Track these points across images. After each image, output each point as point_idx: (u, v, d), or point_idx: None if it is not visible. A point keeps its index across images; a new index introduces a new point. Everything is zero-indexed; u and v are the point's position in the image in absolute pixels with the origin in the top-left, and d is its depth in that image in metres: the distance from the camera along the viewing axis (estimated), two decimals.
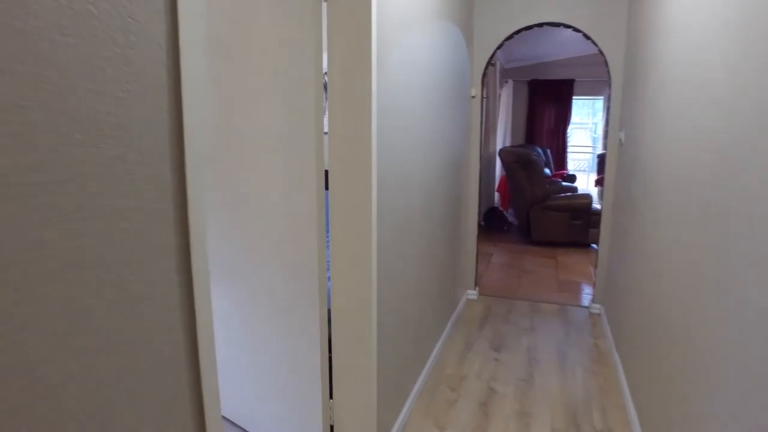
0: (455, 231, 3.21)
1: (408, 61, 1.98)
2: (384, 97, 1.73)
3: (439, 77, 2.49)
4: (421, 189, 2.29)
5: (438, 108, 2.52)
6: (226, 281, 2.00)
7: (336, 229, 1.75)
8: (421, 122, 2.22)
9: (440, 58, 2.50)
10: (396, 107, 1.86)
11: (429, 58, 2.29)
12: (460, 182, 3.29)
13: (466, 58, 3.26)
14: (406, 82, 1.97)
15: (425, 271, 2.47)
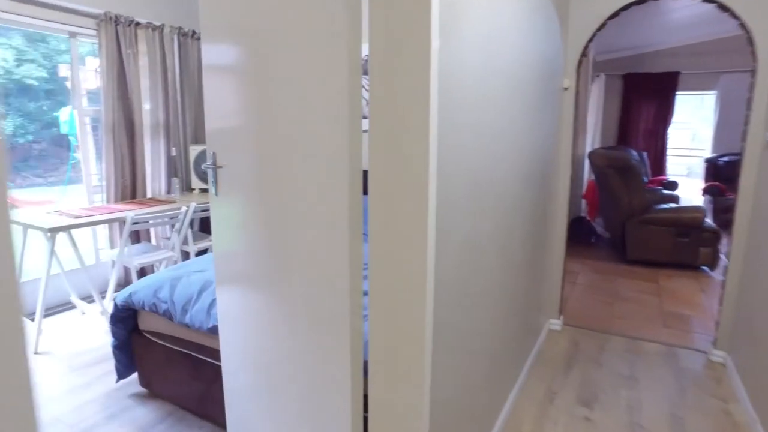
0: (539, 247, 2.65)
1: (485, 37, 1.48)
2: (449, 85, 1.25)
3: (525, 62, 1.96)
4: (497, 200, 1.79)
5: (523, 100, 1.99)
6: (251, 288, 1.63)
7: (377, 240, 1.29)
8: (500, 118, 1.71)
9: (528, 37, 1.97)
10: (465, 98, 1.38)
11: (513, 36, 1.77)
12: (546, 190, 2.72)
13: (559, 41, 2.68)
14: (482, 67, 1.48)
15: (501, 296, 1.96)
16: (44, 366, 2.63)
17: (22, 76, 9.93)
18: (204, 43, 1.63)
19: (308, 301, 1.46)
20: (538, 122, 2.31)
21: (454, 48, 1.24)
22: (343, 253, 1.32)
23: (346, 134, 1.26)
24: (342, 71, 1.23)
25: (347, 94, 1.24)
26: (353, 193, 1.30)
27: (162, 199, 3.67)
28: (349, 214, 1.29)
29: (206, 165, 1.67)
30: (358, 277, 1.38)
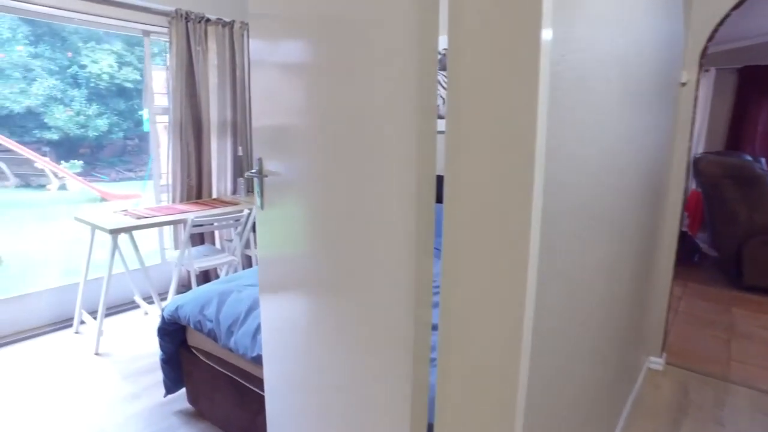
0: (642, 270, 2.20)
1: (598, 19, 1.12)
2: (563, 75, 0.91)
3: (640, 50, 1.55)
4: (605, 217, 1.41)
5: (637, 98, 1.58)
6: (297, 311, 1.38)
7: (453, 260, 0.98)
8: (617, 119, 1.33)
9: (644, 17, 1.56)
10: (582, 93, 1.02)
11: (628, 15, 1.38)
12: (656, 204, 2.26)
13: (680, 23, 2.20)
14: (603, 53, 1.12)
15: (601, 333, 1.58)
16: (101, 370, 2.58)
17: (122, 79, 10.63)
18: (252, 34, 1.40)
19: (361, 335, 1.19)
20: (652, 125, 1.88)
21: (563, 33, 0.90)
22: (406, 274, 1.04)
23: (415, 135, 0.97)
24: (411, 64, 0.95)
25: (418, 90, 0.96)
26: (422, 202, 1.02)
27: (226, 200, 3.58)
28: (417, 227, 1.01)
29: (250, 173, 1.45)
30: (426, 312, 1.09)
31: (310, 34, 1.22)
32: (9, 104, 8.87)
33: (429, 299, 1.10)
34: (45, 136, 9.40)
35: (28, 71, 9.07)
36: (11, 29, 8.88)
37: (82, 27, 3.14)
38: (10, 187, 8.80)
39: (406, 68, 0.98)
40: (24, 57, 9.01)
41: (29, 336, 2.99)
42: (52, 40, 9.30)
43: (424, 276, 1.07)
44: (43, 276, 4.82)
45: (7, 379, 2.50)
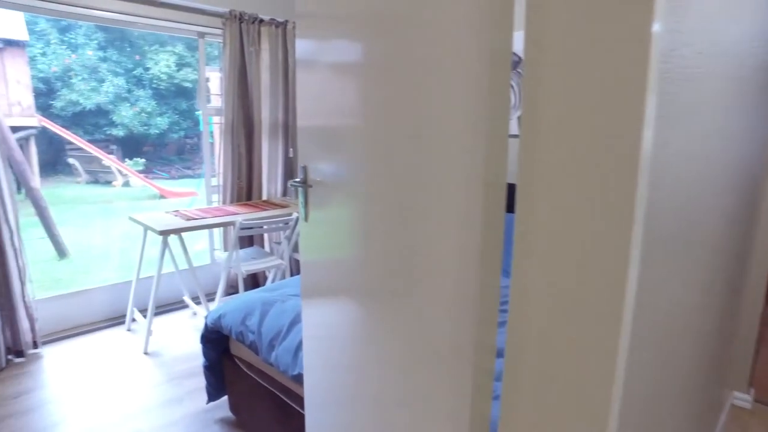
0: (731, 299, 1.94)
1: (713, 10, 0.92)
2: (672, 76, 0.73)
3: (746, 43, 1.32)
4: (706, 247, 1.20)
5: (741, 99, 1.35)
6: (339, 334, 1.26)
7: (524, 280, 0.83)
8: (723, 127, 1.13)
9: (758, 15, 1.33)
10: (692, 96, 0.84)
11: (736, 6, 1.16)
12: (749, 222, 1.98)
13: None
14: (717, 48, 0.92)
15: (689, 368, 1.36)
16: (148, 371, 2.58)
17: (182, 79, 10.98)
18: (299, 33, 1.30)
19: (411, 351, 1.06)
20: (751, 131, 1.63)
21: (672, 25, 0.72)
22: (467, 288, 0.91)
23: (482, 139, 0.83)
24: (480, 59, 0.80)
25: (487, 89, 0.82)
26: (490, 213, 0.87)
27: (276, 203, 3.54)
28: (482, 237, 0.87)
29: (294, 182, 1.34)
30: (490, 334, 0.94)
31: (362, 33, 1.10)
32: (82, 101, 9.39)
33: (494, 318, 0.96)
34: (113, 133, 9.90)
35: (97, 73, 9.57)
36: (86, 35, 9.38)
37: (144, 31, 3.19)
38: (81, 183, 9.33)
39: (473, 66, 0.84)
40: (93, 60, 9.52)
41: (86, 331, 3.06)
42: (121, 44, 9.78)
43: (488, 292, 0.93)
44: (103, 271, 5.01)
45: (63, 372, 2.55)
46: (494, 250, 0.92)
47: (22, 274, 2.66)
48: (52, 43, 9.05)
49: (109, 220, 7.09)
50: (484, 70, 0.83)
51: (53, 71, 9.13)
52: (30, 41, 7.97)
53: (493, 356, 0.98)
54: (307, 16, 1.28)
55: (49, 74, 9.11)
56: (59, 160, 9.41)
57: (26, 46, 7.44)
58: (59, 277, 4.75)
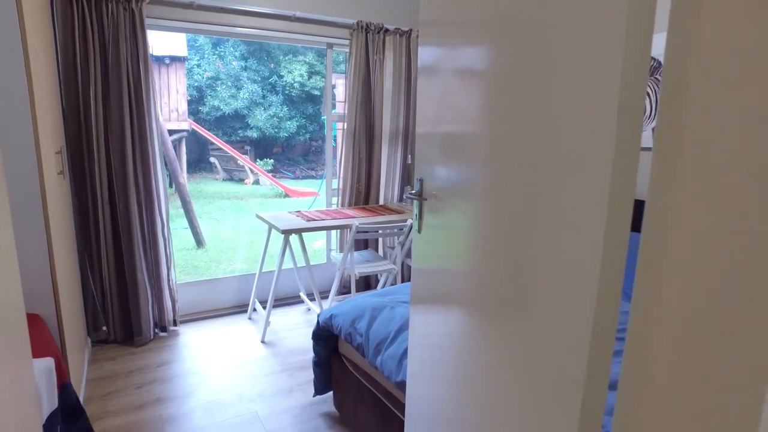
0: None
1: None
2: None
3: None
4: None
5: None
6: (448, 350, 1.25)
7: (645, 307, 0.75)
8: None
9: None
10: None
11: None
12: None
13: None
14: None
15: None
16: (264, 359, 2.79)
17: (311, 87, 11.71)
18: (422, 40, 1.31)
19: (525, 374, 1.02)
20: None
21: None
22: (584, 316, 0.85)
23: (611, 153, 0.77)
24: (612, 63, 0.75)
25: (618, 96, 0.76)
26: (613, 230, 0.81)
27: (392, 208, 3.62)
28: (602, 262, 0.81)
29: (409, 194, 1.36)
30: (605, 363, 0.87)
31: (487, 38, 1.08)
32: (223, 107, 10.48)
33: (610, 348, 0.88)
34: (247, 134, 10.91)
35: (238, 81, 10.60)
36: (232, 47, 10.45)
37: (278, 42, 3.46)
38: (219, 180, 10.41)
39: (604, 71, 0.79)
40: (236, 69, 10.56)
41: (215, 315, 3.40)
42: (260, 54, 10.74)
43: (606, 317, 0.85)
44: (232, 262, 5.52)
45: (195, 349, 2.86)
46: (616, 271, 0.84)
47: (169, 261, 3.03)
48: (205, 56, 10.23)
49: (240, 214, 7.81)
50: (616, 76, 0.76)
51: (207, 76, 10.31)
52: (189, 55, 9.11)
53: (605, 387, 0.89)
54: (431, 23, 1.28)
55: (201, 83, 10.30)
56: (202, 159, 10.59)
57: (186, 60, 8.52)
58: (196, 264, 5.33)
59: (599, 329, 0.86)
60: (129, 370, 2.62)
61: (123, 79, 2.69)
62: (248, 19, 3.16)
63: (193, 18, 2.97)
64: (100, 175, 2.72)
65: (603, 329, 0.86)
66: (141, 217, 2.87)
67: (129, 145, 2.75)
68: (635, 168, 0.81)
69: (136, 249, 2.85)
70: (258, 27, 3.21)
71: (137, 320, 2.92)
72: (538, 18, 0.93)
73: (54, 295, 1.87)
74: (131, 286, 2.89)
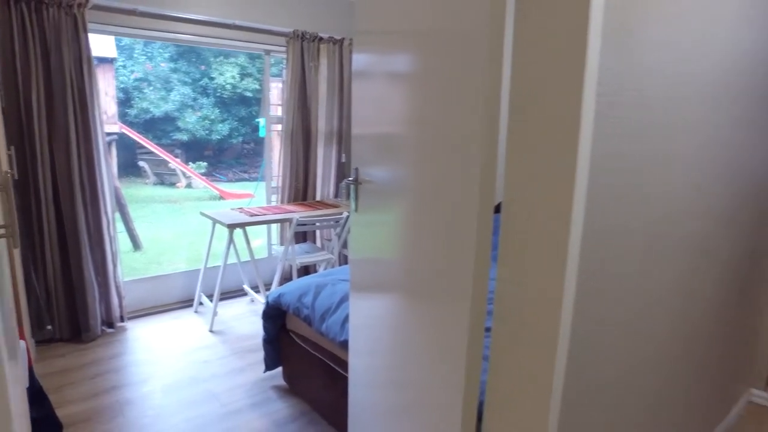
0: (742, 294, 2.09)
1: (677, 38, 1.16)
2: (622, 102, 0.99)
3: (739, 64, 1.53)
4: (681, 241, 1.42)
5: (731, 117, 1.56)
6: (378, 303, 1.56)
7: (505, 267, 1.10)
8: (695, 143, 1.35)
9: (742, 32, 1.53)
10: (646, 121, 1.09)
11: (718, 33, 1.38)
12: (760, 226, 2.13)
13: None
14: (676, 76, 1.17)
15: (677, 355, 1.57)
16: (214, 345, 2.98)
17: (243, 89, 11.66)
18: (355, 49, 1.60)
19: (427, 325, 1.34)
20: (753, 142, 1.80)
21: (631, 54, 0.99)
22: (466, 278, 1.18)
23: (479, 151, 1.11)
24: (479, 74, 1.08)
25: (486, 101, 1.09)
26: (483, 208, 1.14)
27: (328, 203, 3.90)
28: (477, 238, 1.14)
29: (347, 181, 1.66)
30: (481, 312, 1.21)
31: (402, 47, 1.36)
32: (152, 109, 10.25)
33: (484, 306, 1.22)
34: (178, 137, 10.72)
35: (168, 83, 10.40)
36: (161, 48, 10.23)
37: (218, 48, 3.63)
38: (149, 184, 10.16)
39: (475, 81, 1.11)
40: (165, 71, 10.36)
41: (161, 311, 3.52)
42: (190, 56, 10.59)
43: (481, 284, 1.19)
44: (171, 262, 5.55)
45: (145, 342, 2.99)
46: (486, 249, 1.17)
47: (115, 258, 3.13)
48: (133, 57, 9.95)
49: (175, 217, 7.74)
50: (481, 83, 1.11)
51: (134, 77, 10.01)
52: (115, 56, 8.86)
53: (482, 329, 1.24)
54: (363, 34, 1.55)
55: (128, 84, 10.00)
56: (130, 163, 10.28)
57: (114, 61, 8.30)
58: (135, 266, 5.32)
59: (477, 293, 1.19)
60: (80, 364, 2.72)
61: (66, 81, 2.78)
62: (189, 26, 3.32)
63: (135, 24, 3.10)
64: (43, 175, 2.79)
65: (479, 293, 1.19)
66: (86, 216, 2.96)
67: (74, 146, 2.84)
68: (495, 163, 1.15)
69: (82, 247, 2.93)
70: (199, 34, 3.38)
71: (84, 317, 3.00)
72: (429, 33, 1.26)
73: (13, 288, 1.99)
74: (78, 284, 2.97)
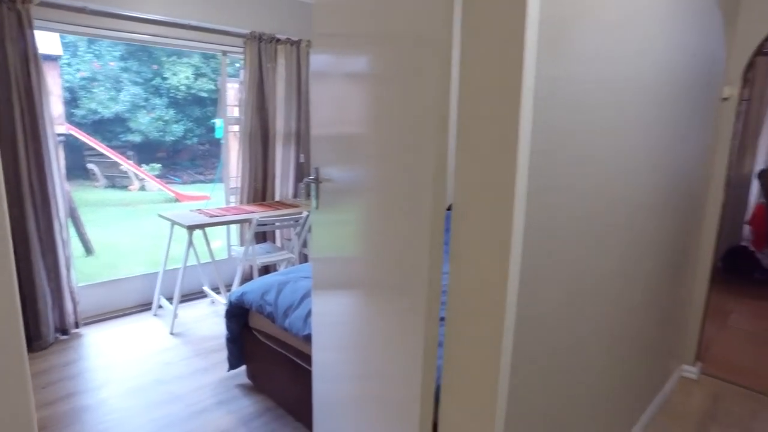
0: (675, 279, 2.29)
1: (607, 50, 1.30)
2: (557, 105, 1.11)
3: (667, 72, 1.69)
4: (616, 229, 1.56)
5: (662, 117, 1.72)
6: (339, 298, 1.63)
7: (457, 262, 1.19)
8: (629, 140, 1.49)
9: (673, 42, 1.69)
10: (583, 121, 1.21)
11: (648, 44, 1.53)
12: (691, 215, 2.34)
13: (721, 43, 2.28)
14: (607, 81, 1.30)
15: (613, 333, 1.72)
16: (176, 347, 2.96)
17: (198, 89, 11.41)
18: (313, 50, 1.66)
19: (386, 317, 1.42)
20: (685, 139, 1.99)
21: (564, 63, 1.10)
22: (422, 271, 1.27)
23: (432, 151, 1.20)
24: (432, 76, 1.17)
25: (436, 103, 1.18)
26: (436, 208, 1.23)
27: (288, 203, 3.93)
28: (431, 232, 1.23)
29: (308, 179, 1.72)
30: (435, 303, 1.30)
31: (358, 49, 1.43)
32: (101, 109, 9.89)
33: (438, 297, 1.31)
34: (130, 139, 10.39)
35: (118, 83, 10.06)
36: (109, 46, 9.88)
37: (173, 48, 3.58)
38: (100, 187, 9.80)
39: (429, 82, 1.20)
40: (115, 70, 10.01)
41: (118, 315, 3.45)
42: (140, 55, 10.28)
43: (435, 278, 1.28)
44: (127, 265, 5.41)
45: (102, 347, 2.93)
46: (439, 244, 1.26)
47: (68, 263, 3.05)
48: (78, 54, 9.56)
49: (129, 221, 7.52)
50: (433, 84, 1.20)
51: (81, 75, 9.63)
52: None
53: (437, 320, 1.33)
54: (321, 36, 1.61)
55: (75, 84, 9.61)
56: (77, 166, 9.89)
57: (59, 59, 7.96)
58: (88, 272, 5.15)
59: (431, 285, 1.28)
60: (32, 374, 2.65)
61: (11, 80, 2.70)
62: (143, 26, 3.27)
63: (84, 22, 3.03)
64: None
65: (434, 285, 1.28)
66: (37, 221, 2.88)
67: (21, 148, 2.76)
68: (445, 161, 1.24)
69: (32, 253, 2.85)
70: (153, 33, 3.34)
71: (35, 324, 2.92)
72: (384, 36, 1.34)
73: None
74: (28, 291, 2.88)
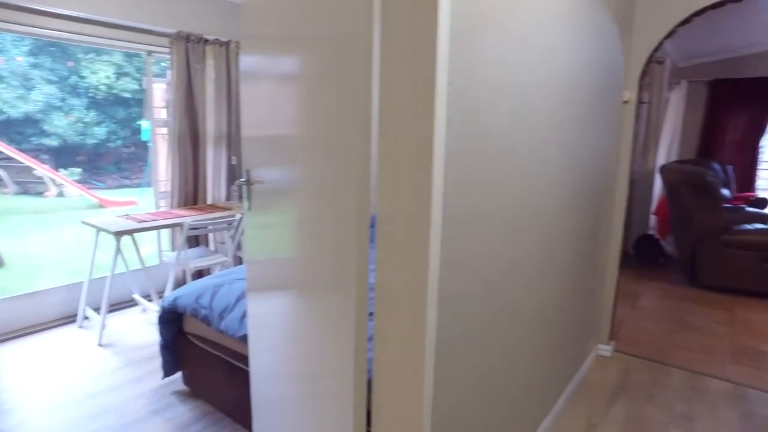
0: (590, 266, 2.51)
1: (518, 58, 1.43)
2: (470, 108, 1.22)
3: (574, 78, 1.87)
4: (535, 218, 1.71)
5: (571, 118, 1.90)
6: (273, 298, 1.66)
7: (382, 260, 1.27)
8: (542, 138, 1.64)
9: (578, 51, 1.87)
10: (495, 123, 1.33)
11: (556, 53, 1.69)
12: (601, 207, 2.57)
13: (620, 52, 2.52)
14: (517, 86, 1.42)
15: (535, 317, 1.88)
16: (105, 359, 2.85)
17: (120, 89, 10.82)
18: (242, 51, 1.68)
19: (319, 315, 1.48)
20: (590, 138, 2.19)
21: (477, 69, 1.21)
22: (350, 269, 1.33)
23: (357, 151, 1.26)
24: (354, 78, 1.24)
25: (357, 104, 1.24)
26: (361, 208, 1.30)
27: (220, 206, 3.87)
28: (358, 231, 1.30)
29: (239, 181, 1.74)
30: (364, 299, 1.37)
31: (286, 51, 1.46)
32: (7, 109, 9.14)
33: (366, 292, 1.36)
34: (44, 142, 9.67)
35: (28, 80, 9.34)
36: (15, 40, 9.15)
37: (95, 47, 3.42)
38: (9, 194, 9.05)
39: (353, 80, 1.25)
40: (23, 66, 9.29)
41: (36, 330, 3.25)
42: (52, 51, 9.59)
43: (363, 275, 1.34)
44: (46, 277, 5.08)
45: (17, 366, 2.76)
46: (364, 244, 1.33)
47: None
48: None
49: (46, 229, 7.02)
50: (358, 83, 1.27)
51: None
52: None
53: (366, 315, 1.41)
54: (249, 37, 1.63)
55: None
56: None
57: None
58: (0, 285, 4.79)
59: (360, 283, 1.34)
60: None
61: None
62: (57, 22, 3.11)
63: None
64: None
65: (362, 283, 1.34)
66: None
67: None
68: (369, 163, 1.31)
69: None
70: (72, 31, 3.18)
71: None
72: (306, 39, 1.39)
73: None
74: None
